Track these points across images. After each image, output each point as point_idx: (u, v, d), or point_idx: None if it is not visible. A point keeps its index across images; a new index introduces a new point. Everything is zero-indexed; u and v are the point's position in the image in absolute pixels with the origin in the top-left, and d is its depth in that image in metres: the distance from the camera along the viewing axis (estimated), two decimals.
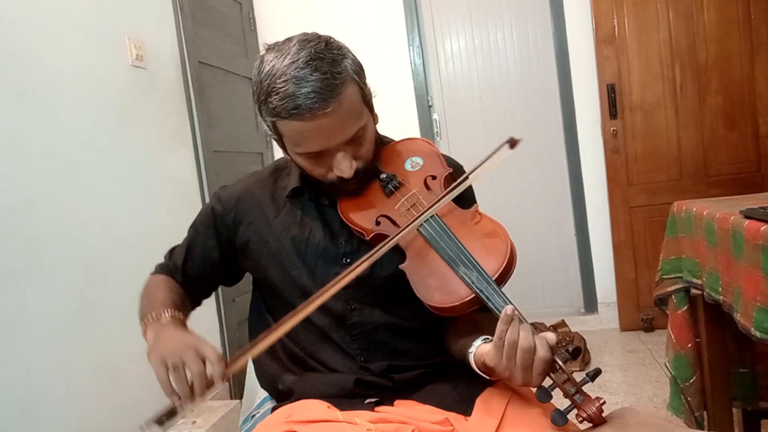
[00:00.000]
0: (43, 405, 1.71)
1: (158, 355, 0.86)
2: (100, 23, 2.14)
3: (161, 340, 0.92)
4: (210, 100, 2.79)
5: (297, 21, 3.41)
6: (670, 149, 3.06)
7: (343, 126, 0.91)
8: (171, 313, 1.00)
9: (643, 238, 3.12)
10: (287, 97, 0.86)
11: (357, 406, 0.94)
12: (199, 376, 0.82)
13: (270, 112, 0.91)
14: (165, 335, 0.93)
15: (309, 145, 0.92)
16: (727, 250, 1.23)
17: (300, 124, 0.89)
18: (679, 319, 1.58)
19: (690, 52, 2.99)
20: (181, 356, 0.84)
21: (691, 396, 1.56)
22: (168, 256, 1.18)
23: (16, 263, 1.68)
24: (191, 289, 1.16)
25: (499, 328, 0.80)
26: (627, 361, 2.77)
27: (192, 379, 0.82)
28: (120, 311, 2.05)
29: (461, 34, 3.45)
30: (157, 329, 0.96)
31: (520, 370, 0.79)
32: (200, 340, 0.88)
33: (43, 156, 1.83)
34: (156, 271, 1.19)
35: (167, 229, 2.35)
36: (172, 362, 0.83)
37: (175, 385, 0.82)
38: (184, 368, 0.83)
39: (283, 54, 0.89)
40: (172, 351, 0.85)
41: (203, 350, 0.85)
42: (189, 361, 0.83)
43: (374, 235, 0.97)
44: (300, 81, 0.86)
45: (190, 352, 0.84)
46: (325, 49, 0.89)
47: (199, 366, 0.83)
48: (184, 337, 0.91)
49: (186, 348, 0.85)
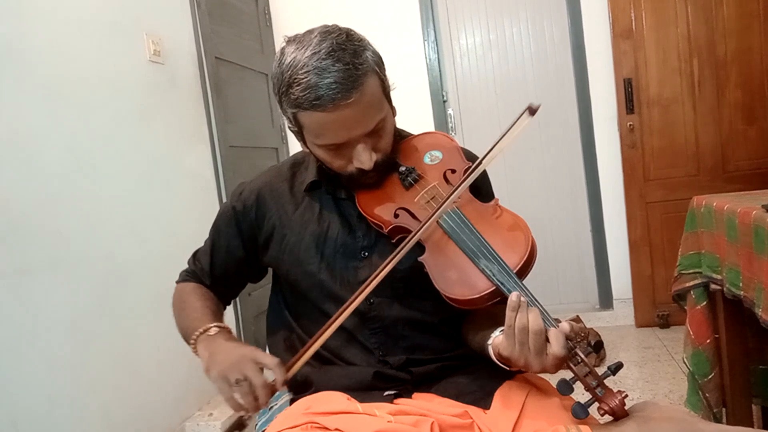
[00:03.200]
0: (67, 396, 1.74)
1: (218, 371, 0.89)
2: (118, 19, 2.16)
3: (216, 356, 0.93)
4: (226, 95, 2.81)
5: (312, 16, 3.39)
6: (687, 144, 3.03)
7: (364, 117, 0.91)
8: (216, 324, 1.02)
9: (659, 233, 3.10)
10: (309, 88, 0.87)
11: (376, 399, 0.94)
12: (263, 387, 0.85)
13: (291, 104, 0.91)
14: (219, 350, 0.95)
15: (330, 137, 0.92)
16: (749, 245, 1.22)
17: (321, 115, 0.89)
18: (698, 314, 1.57)
19: (708, 46, 2.95)
20: (241, 370, 0.86)
21: (709, 392, 1.55)
22: (192, 261, 1.19)
23: (40, 258, 1.71)
24: (220, 290, 1.17)
25: (508, 315, 0.80)
26: (643, 358, 2.75)
27: (257, 391, 0.85)
28: (141, 305, 2.09)
29: (476, 29, 3.43)
30: (208, 344, 0.98)
31: (534, 355, 0.78)
32: (255, 350, 0.91)
33: (66, 152, 1.86)
34: (182, 279, 1.19)
35: (187, 224, 2.38)
36: (234, 377, 0.86)
37: (242, 399, 0.85)
38: (245, 381, 0.85)
39: (305, 45, 0.89)
40: (231, 366, 0.88)
41: (261, 360, 0.88)
42: (250, 374, 0.86)
43: (393, 227, 0.97)
44: (322, 72, 0.86)
45: (250, 364, 0.87)
46: (347, 41, 0.89)
47: (261, 377, 0.86)
48: (239, 349, 0.93)
49: (244, 360, 0.88)
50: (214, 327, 1.01)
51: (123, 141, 2.12)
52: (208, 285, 1.15)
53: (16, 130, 1.68)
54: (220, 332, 1.01)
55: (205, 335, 1.00)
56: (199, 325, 1.02)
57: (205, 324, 1.02)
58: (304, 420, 0.87)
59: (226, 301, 1.20)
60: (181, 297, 1.14)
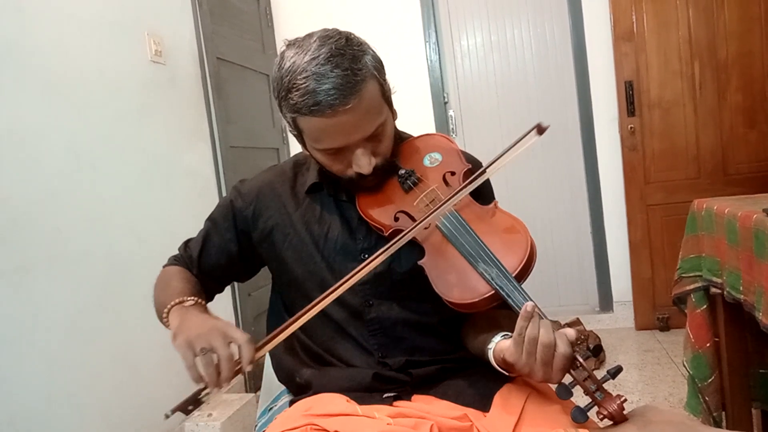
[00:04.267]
0: (65, 394, 1.74)
1: (184, 339, 0.84)
2: (120, 18, 2.16)
3: (186, 324, 0.90)
4: (227, 95, 2.81)
5: (314, 18, 3.42)
6: (688, 147, 3.03)
7: (362, 122, 0.91)
8: (193, 297, 1.00)
9: (659, 236, 3.10)
10: (308, 94, 0.87)
11: (375, 401, 0.94)
12: (228, 359, 0.81)
13: (290, 108, 0.91)
14: (190, 318, 0.92)
15: (329, 142, 0.93)
16: (749, 248, 1.22)
17: (320, 121, 0.89)
18: (698, 318, 1.56)
19: (710, 49, 2.95)
20: (208, 340, 0.82)
21: (709, 396, 1.55)
22: (183, 248, 1.17)
23: (39, 255, 1.71)
24: (206, 281, 1.14)
25: (519, 324, 0.80)
26: (642, 361, 2.75)
27: (221, 363, 0.81)
28: (140, 303, 2.07)
29: (478, 30, 3.43)
30: (181, 313, 0.95)
31: (541, 366, 0.78)
32: (227, 324, 0.87)
33: (67, 150, 1.86)
34: (170, 263, 1.17)
35: (186, 224, 2.37)
36: (199, 346, 0.82)
37: (203, 369, 0.80)
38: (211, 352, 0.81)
39: (304, 50, 0.89)
40: (198, 335, 0.84)
41: (231, 333, 0.84)
42: (217, 345, 0.81)
43: (393, 230, 0.97)
44: (321, 77, 0.86)
45: (218, 336, 0.83)
46: (346, 46, 0.89)
47: (227, 350, 0.81)
48: (210, 321, 0.89)
49: (213, 331, 0.84)
50: (190, 299, 0.99)
51: (123, 140, 2.12)
52: (195, 274, 1.13)
53: (16, 127, 1.68)
54: (195, 305, 0.98)
55: (179, 306, 0.97)
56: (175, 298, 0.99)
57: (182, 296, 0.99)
58: (304, 422, 0.87)
59: (210, 294, 1.16)
60: (163, 277, 1.12)
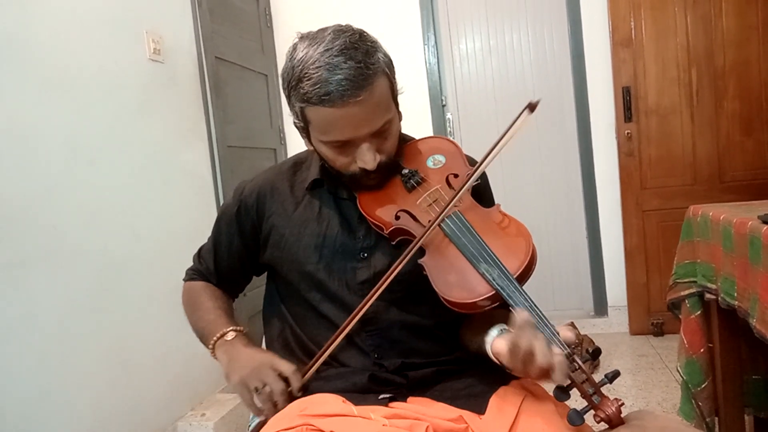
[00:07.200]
0: (57, 390, 1.73)
1: (239, 379, 0.94)
2: (119, 16, 2.16)
3: (236, 362, 0.98)
4: (226, 95, 2.81)
5: (313, 18, 3.38)
6: (684, 154, 3.05)
7: (371, 117, 0.92)
8: (233, 327, 1.06)
9: (655, 242, 3.11)
10: (319, 83, 0.87)
11: (371, 402, 0.94)
12: (281, 393, 0.91)
13: (300, 98, 0.91)
14: (237, 356, 1.00)
15: (336, 134, 0.93)
16: (744, 255, 1.22)
17: (329, 111, 0.89)
18: (692, 323, 1.57)
19: (707, 57, 2.97)
20: (261, 377, 0.92)
21: (702, 401, 1.56)
22: (197, 260, 1.20)
23: (35, 251, 1.71)
24: (227, 287, 1.20)
25: (516, 333, 0.78)
26: (636, 365, 2.76)
27: (275, 397, 0.91)
28: (135, 302, 2.08)
29: (477, 34, 3.44)
30: (227, 349, 1.02)
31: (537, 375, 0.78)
32: (273, 357, 0.97)
33: (64, 146, 1.85)
34: (189, 277, 1.21)
35: (183, 222, 2.37)
36: (253, 385, 0.92)
37: (262, 405, 0.91)
38: (265, 388, 0.91)
39: (318, 42, 0.90)
40: (250, 374, 0.94)
41: (278, 366, 0.94)
42: (270, 381, 0.92)
43: (393, 229, 0.97)
44: (333, 68, 0.87)
45: (269, 372, 0.93)
46: (359, 40, 0.90)
47: (280, 384, 0.92)
48: (257, 357, 0.98)
49: (263, 367, 0.94)
50: (231, 331, 1.05)
51: (121, 137, 2.11)
52: (215, 284, 1.18)
53: (14, 123, 1.68)
54: (237, 337, 1.05)
55: (222, 340, 1.04)
56: (215, 329, 1.06)
57: (221, 327, 1.06)
58: (299, 422, 0.86)
59: (235, 294, 1.23)
60: (191, 296, 1.17)
